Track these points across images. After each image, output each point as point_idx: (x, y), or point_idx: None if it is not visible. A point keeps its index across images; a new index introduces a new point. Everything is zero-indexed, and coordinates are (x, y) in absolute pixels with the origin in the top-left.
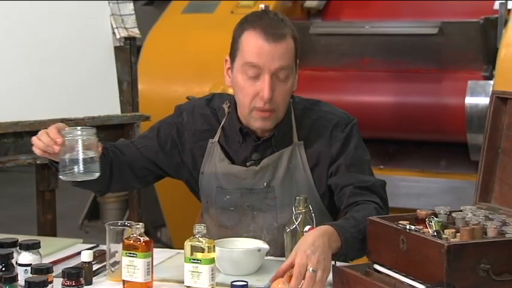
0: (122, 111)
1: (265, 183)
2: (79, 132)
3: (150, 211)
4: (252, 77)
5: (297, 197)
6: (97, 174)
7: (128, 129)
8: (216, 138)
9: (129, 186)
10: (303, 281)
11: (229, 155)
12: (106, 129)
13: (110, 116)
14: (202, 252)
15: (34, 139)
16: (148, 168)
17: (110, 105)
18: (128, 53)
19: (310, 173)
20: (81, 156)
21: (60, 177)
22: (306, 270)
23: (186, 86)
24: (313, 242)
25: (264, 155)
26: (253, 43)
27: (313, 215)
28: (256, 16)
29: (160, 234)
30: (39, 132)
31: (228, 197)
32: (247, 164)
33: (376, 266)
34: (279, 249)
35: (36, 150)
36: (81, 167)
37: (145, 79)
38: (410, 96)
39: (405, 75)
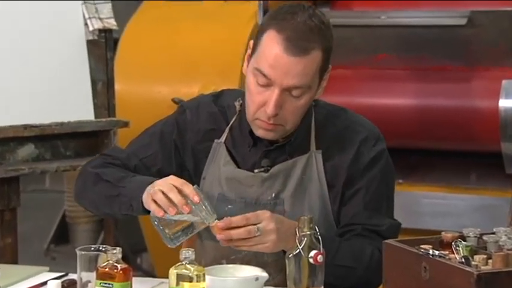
0: (96, 116)
1: (273, 194)
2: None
3: (129, 233)
4: (261, 85)
5: (302, 217)
6: (174, 245)
7: (102, 137)
8: (223, 138)
9: None
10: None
11: (235, 160)
12: (77, 138)
13: (82, 122)
14: (190, 281)
15: (156, 192)
16: (151, 176)
17: (81, 109)
18: (102, 48)
19: (327, 188)
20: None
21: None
22: (254, 225)
23: (171, 86)
24: (284, 221)
25: (274, 163)
26: (270, 50)
27: (320, 237)
28: (287, 13)
29: (140, 260)
30: (162, 185)
31: (230, 206)
32: (255, 170)
33: None
34: (282, 273)
35: (155, 209)
36: (174, 241)
37: (123, 78)
38: (434, 98)
39: (428, 73)
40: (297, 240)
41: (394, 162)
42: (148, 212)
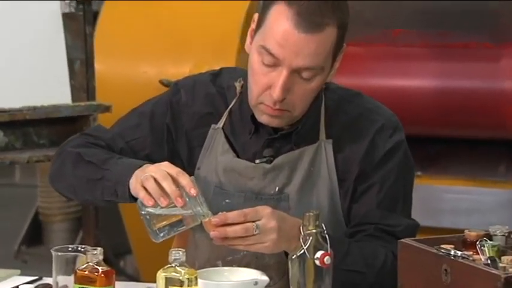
0: (74, 100)
1: (277, 188)
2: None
3: (111, 233)
4: (267, 64)
5: (307, 213)
6: (157, 240)
7: (81, 123)
8: (221, 123)
9: None
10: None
11: (234, 148)
12: (51, 124)
13: (58, 106)
14: (181, 286)
15: (147, 178)
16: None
17: (56, 92)
18: (80, 22)
19: (337, 182)
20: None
21: (140, 207)
22: (253, 222)
23: (158, 66)
24: (287, 219)
25: (279, 153)
26: (278, 25)
27: (327, 236)
28: None
29: (124, 263)
30: (155, 171)
31: (227, 201)
32: (257, 161)
33: None
34: (286, 277)
35: (144, 196)
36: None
37: (103, 57)
38: (457, 80)
39: (450, 51)
40: (301, 240)
41: (411, 152)
42: (135, 199)
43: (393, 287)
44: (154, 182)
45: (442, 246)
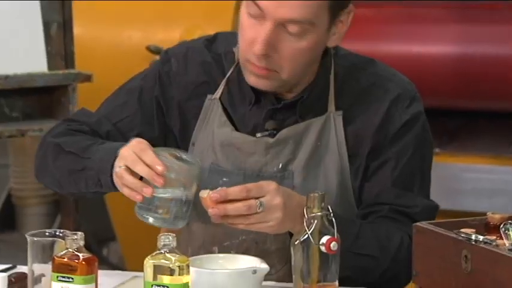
0: (50, 68)
1: (280, 165)
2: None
3: (92, 218)
4: (253, 15)
5: (311, 194)
6: (184, 223)
7: (58, 94)
8: (217, 94)
9: None
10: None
11: (233, 121)
12: (25, 95)
13: (32, 74)
14: (171, 274)
15: (121, 173)
16: None
17: (31, 59)
18: None
19: (347, 159)
20: (183, 197)
21: (140, 213)
22: (256, 199)
23: (145, 30)
24: (294, 196)
25: (282, 125)
26: None
27: (334, 220)
28: None
29: (107, 251)
30: (126, 157)
31: (225, 179)
32: (258, 134)
33: None
34: (289, 265)
35: (130, 194)
36: (174, 214)
37: (83, 20)
38: (481, 45)
39: (473, 12)
40: (305, 224)
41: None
42: None
43: (408, 277)
44: (129, 175)
45: (462, 230)
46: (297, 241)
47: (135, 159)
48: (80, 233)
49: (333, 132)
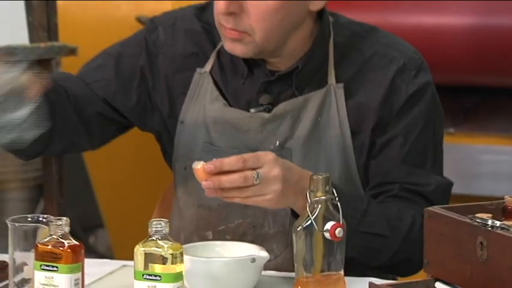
0: (31, 40)
1: (277, 142)
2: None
3: (78, 204)
4: None
5: (314, 176)
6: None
7: (41, 68)
8: (208, 67)
9: (75, 146)
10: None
11: (225, 96)
12: None
13: (12, 47)
14: (163, 263)
15: None
16: (104, 115)
17: (11, 31)
18: None
19: (350, 136)
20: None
21: None
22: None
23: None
24: (293, 168)
25: (278, 100)
26: None
27: (339, 204)
28: None
29: (94, 239)
30: None
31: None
32: (252, 110)
33: (439, 285)
34: (288, 250)
35: None
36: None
37: None
38: (501, 17)
39: None
40: (307, 208)
41: (443, 105)
42: None
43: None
44: None
45: (478, 215)
46: (299, 227)
47: None
48: (65, 218)
49: (334, 106)
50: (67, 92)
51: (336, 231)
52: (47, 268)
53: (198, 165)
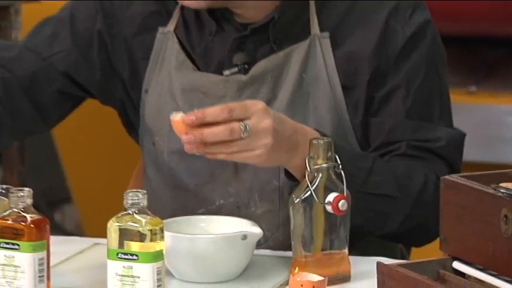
0: None
1: None
2: None
3: (43, 175)
4: None
5: (314, 141)
6: None
7: None
8: (171, 26)
9: (28, 134)
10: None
11: (193, 59)
12: None
13: None
14: (141, 240)
15: None
16: (64, 91)
17: None
18: None
19: (342, 92)
20: None
21: None
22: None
23: None
24: (286, 121)
25: (255, 58)
26: None
27: (342, 173)
28: None
29: (61, 214)
30: None
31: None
32: (226, 72)
33: (457, 264)
34: (281, 230)
35: None
36: None
37: None
38: None
39: None
40: (307, 178)
41: (463, 60)
42: None
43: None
44: None
45: (502, 184)
46: (297, 199)
47: None
48: (27, 189)
49: (320, 59)
50: (11, 67)
51: (339, 204)
52: (7, 246)
53: (177, 117)
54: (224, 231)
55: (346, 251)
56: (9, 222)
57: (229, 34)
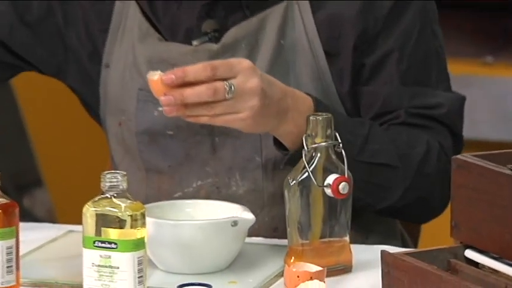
0: None
1: None
2: None
3: (10, 156)
4: None
5: (312, 117)
6: None
7: None
8: None
9: None
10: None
11: (158, 29)
12: None
13: None
14: (120, 227)
15: None
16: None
17: None
18: None
19: (325, 59)
20: None
21: None
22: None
23: None
24: (274, 83)
25: (226, 25)
26: None
27: (343, 152)
28: None
29: (31, 200)
30: None
31: (161, 108)
32: (195, 42)
33: (470, 253)
34: (266, 210)
35: None
36: None
37: None
38: None
39: None
40: (304, 158)
41: (476, 26)
42: None
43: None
44: None
45: None
46: (293, 181)
47: None
48: None
49: (299, 24)
50: None
51: (340, 186)
52: None
53: (155, 76)
54: (212, 217)
55: (347, 238)
56: None
57: (196, 0)
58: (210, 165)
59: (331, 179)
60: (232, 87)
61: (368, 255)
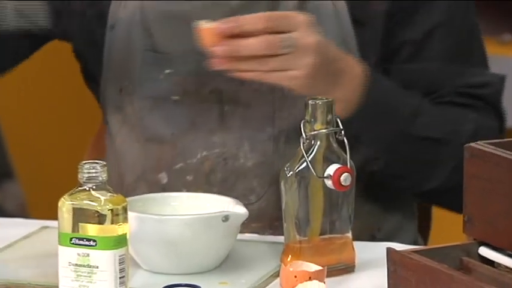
0: None
1: None
2: None
3: None
4: None
5: (311, 101)
6: None
7: None
8: None
9: None
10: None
11: None
12: None
13: None
14: (100, 222)
15: None
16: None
17: None
18: None
19: (352, 27)
20: None
21: None
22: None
23: None
24: (329, 42)
25: None
26: None
27: (345, 140)
28: None
29: (1, 194)
30: None
31: (168, 71)
32: None
33: (484, 250)
34: (275, 187)
35: None
36: None
37: None
38: None
39: None
40: (301, 147)
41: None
42: None
43: None
44: None
45: None
46: (290, 172)
47: None
48: None
49: None
50: None
51: (342, 178)
52: None
53: (206, 25)
54: (201, 211)
55: (349, 234)
56: None
57: None
58: (217, 135)
59: (332, 169)
60: (291, 42)
61: (372, 253)
